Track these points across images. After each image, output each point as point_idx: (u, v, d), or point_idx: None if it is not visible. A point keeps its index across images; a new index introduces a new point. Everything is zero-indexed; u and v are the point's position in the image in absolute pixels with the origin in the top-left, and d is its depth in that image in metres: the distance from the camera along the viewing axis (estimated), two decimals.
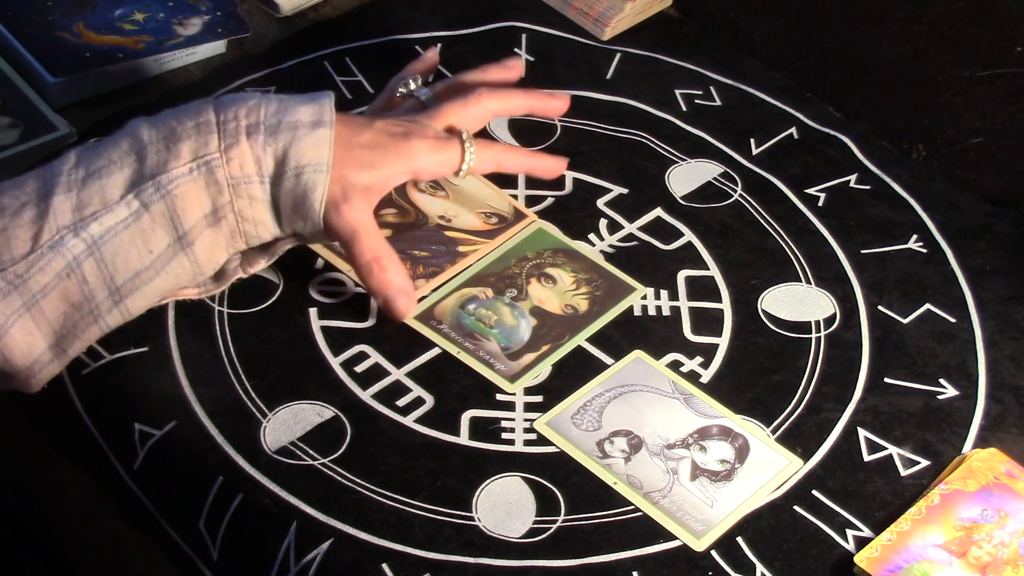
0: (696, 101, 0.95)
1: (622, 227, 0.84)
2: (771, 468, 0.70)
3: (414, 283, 0.76)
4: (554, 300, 0.72)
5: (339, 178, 0.68)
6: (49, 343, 0.65)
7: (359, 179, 0.69)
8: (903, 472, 0.71)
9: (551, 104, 0.80)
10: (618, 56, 0.98)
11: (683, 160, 0.89)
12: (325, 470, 0.67)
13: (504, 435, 0.70)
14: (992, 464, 0.70)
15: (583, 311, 0.72)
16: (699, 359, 0.76)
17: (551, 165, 0.79)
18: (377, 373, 0.72)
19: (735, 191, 0.87)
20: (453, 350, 0.73)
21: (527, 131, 0.89)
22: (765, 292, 0.80)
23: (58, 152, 0.82)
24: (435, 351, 0.74)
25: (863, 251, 0.84)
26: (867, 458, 0.71)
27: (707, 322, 0.78)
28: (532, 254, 0.73)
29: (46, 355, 0.65)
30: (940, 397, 0.75)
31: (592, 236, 0.81)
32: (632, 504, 0.67)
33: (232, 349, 0.73)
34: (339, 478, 0.67)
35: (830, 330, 0.79)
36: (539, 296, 0.72)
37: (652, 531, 0.66)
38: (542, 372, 0.72)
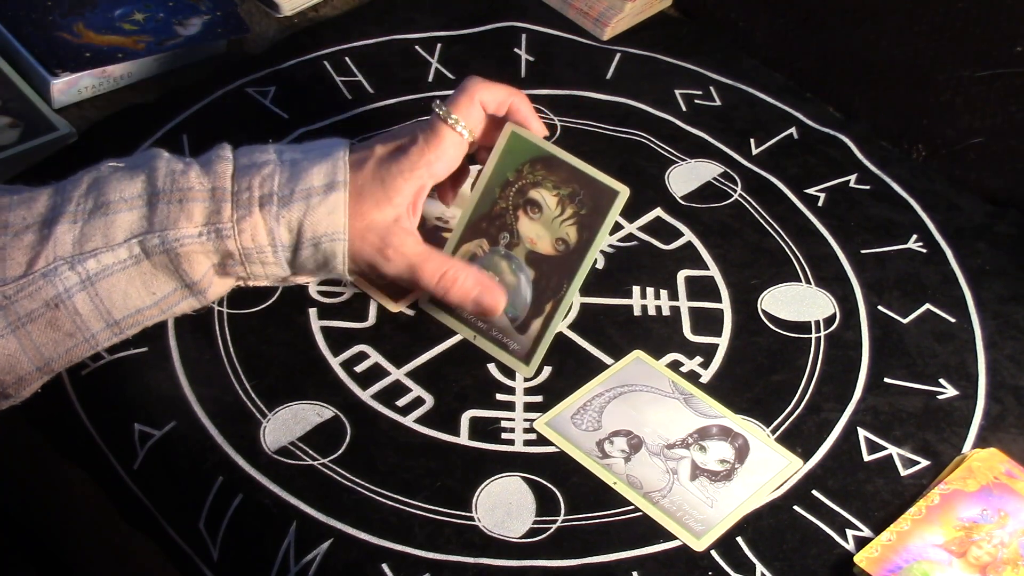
0: (696, 101, 0.95)
1: (622, 227, 0.84)
2: (771, 468, 0.70)
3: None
4: (545, 236, 0.72)
5: (365, 228, 0.68)
6: (36, 365, 0.64)
7: (384, 217, 0.68)
8: (903, 472, 0.71)
9: (532, 118, 0.74)
10: (618, 56, 0.98)
11: (683, 160, 0.89)
12: (325, 470, 0.67)
13: (504, 435, 0.70)
14: (992, 464, 0.70)
15: (574, 242, 0.71)
16: (699, 359, 0.76)
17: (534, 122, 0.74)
18: (377, 373, 0.72)
19: (735, 191, 0.87)
20: (469, 335, 0.74)
21: None
22: (765, 292, 0.80)
23: (59, 154, 0.82)
24: (435, 351, 0.74)
25: (863, 251, 0.84)
26: (867, 458, 0.71)
27: (707, 322, 0.78)
28: (512, 175, 0.72)
29: (33, 374, 0.65)
30: (940, 397, 0.75)
31: None
32: (632, 504, 0.67)
33: (232, 349, 0.73)
34: (339, 478, 0.67)
35: (830, 330, 0.79)
36: (530, 235, 0.72)
37: (652, 531, 0.66)
38: (552, 340, 0.73)
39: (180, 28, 0.92)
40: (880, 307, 0.80)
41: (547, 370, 0.74)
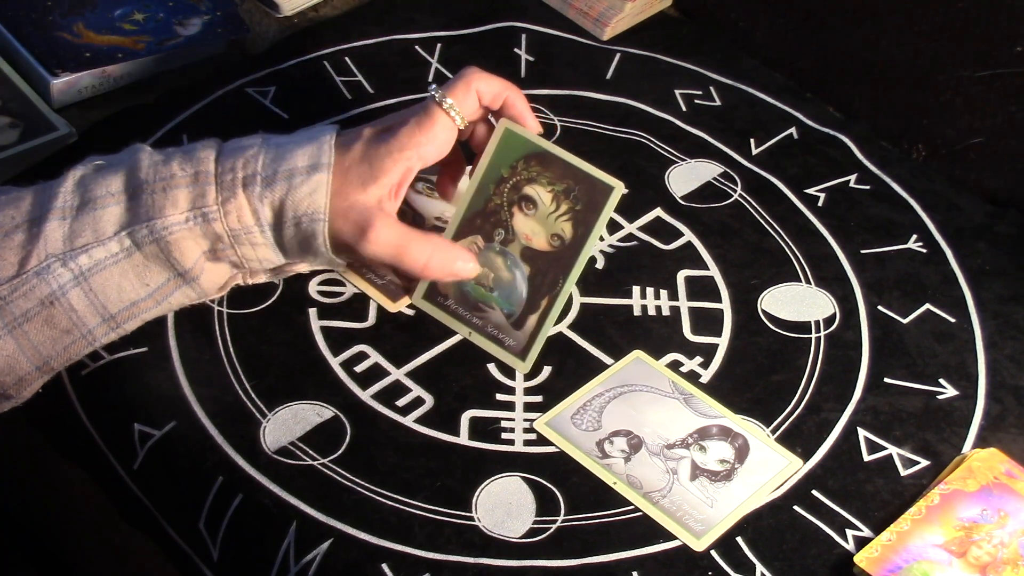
0: (696, 101, 0.95)
1: (622, 227, 0.84)
2: (771, 468, 0.70)
3: (413, 284, 0.76)
4: (540, 232, 0.72)
5: (348, 208, 0.68)
6: (36, 365, 0.64)
7: (367, 198, 0.68)
8: (903, 472, 0.71)
9: (527, 114, 0.73)
10: (618, 56, 0.98)
11: (683, 160, 0.89)
12: (325, 470, 0.67)
13: (504, 435, 0.70)
14: (992, 464, 0.70)
15: (569, 238, 0.72)
16: (699, 359, 0.76)
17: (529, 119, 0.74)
18: (377, 373, 0.72)
19: (735, 191, 0.87)
20: (464, 331, 0.74)
21: None
22: (765, 292, 0.80)
23: (59, 154, 0.82)
24: (435, 351, 0.74)
25: (863, 251, 0.84)
26: (867, 458, 0.71)
27: (707, 322, 0.78)
28: (507, 171, 0.72)
29: (32, 374, 0.65)
30: (940, 397, 0.75)
31: None
32: (632, 504, 0.67)
33: (232, 349, 0.73)
34: (339, 478, 0.67)
35: (830, 330, 0.79)
36: (525, 231, 0.72)
37: (652, 531, 0.66)
38: (548, 335, 0.73)
39: (180, 28, 0.92)
40: (880, 307, 0.80)
41: (547, 370, 0.74)
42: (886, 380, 0.76)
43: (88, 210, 0.64)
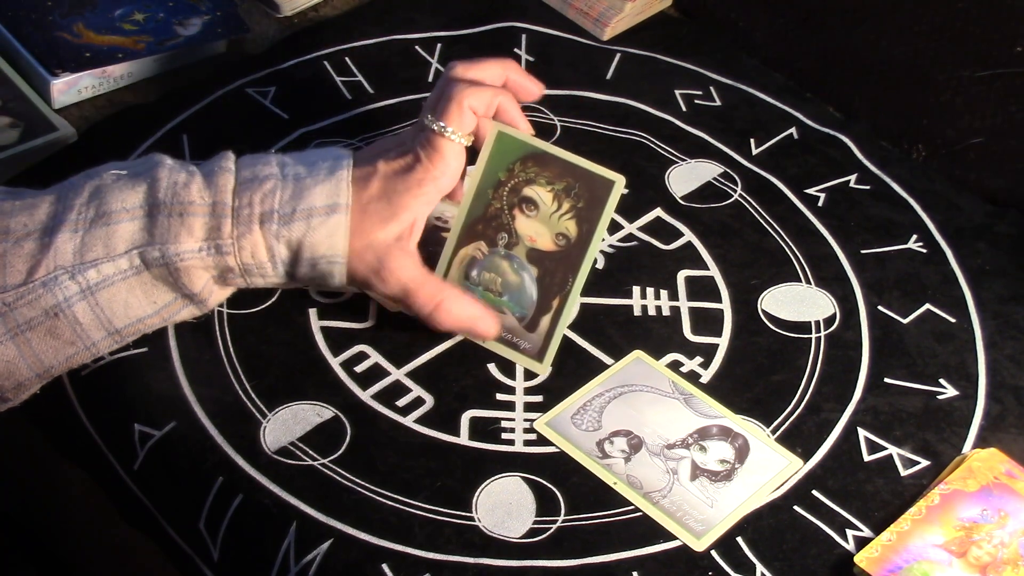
0: (696, 101, 0.95)
1: (622, 227, 0.84)
2: (771, 468, 0.70)
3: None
4: (544, 232, 0.72)
5: (365, 248, 0.68)
6: (36, 372, 0.64)
7: (385, 236, 0.68)
8: (903, 472, 0.71)
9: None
10: (618, 56, 0.98)
11: (683, 160, 0.89)
12: (325, 470, 0.67)
13: (504, 435, 0.70)
14: (992, 464, 0.70)
15: (574, 236, 0.72)
16: (699, 359, 0.76)
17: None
18: (377, 373, 0.72)
19: (735, 191, 0.88)
20: (478, 339, 0.74)
21: None
22: (765, 292, 0.80)
23: (59, 154, 0.82)
24: (435, 351, 0.74)
25: (863, 251, 0.84)
26: (867, 458, 0.71)
27: (707, 322, 0.78)
28: (504, 174, 0.72)
29: (32, 380, 0.65)
30: (940, 397, 0.75)
31: None
32: (632, 504, 0.67)
33: (232, 349, 0.73)
34: (339, 478, 0.67)
35: (830, 330, 0.79)
36: (528, 233, 0.72)
37: (652, 531, 0.66)
38: (562, 336, 0.73)
39: (180, 28, 0.92)
40: (880, 307, 0.80)
41: (548, 370, 0.74)
42: (886, 380, 0.76)
43: (101, 224, 0.64)
